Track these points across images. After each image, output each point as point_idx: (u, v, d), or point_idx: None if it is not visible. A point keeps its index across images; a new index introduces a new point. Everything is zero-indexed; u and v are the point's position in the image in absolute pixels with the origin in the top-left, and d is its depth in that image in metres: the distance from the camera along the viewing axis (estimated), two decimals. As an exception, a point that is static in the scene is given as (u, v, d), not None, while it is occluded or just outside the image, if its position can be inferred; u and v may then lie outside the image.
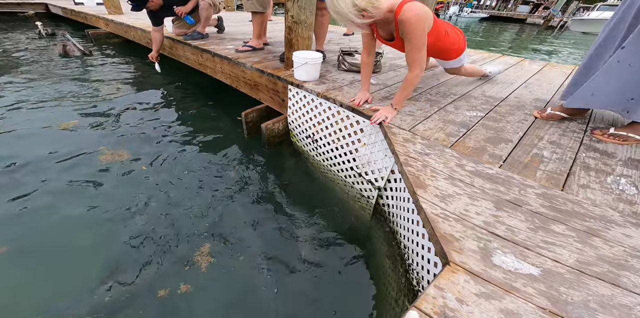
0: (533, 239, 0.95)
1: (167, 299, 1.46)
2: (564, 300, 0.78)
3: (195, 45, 3.31)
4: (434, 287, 0.81)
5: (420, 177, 1.23)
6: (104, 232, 1.79)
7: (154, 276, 1.56)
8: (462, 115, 1.85)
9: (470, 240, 0.94)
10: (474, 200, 1.11)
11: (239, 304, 1.47)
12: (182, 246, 1.73)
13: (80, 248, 1.68)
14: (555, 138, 1.61)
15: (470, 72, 2.39)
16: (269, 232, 1.87)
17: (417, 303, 0.77)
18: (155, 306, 1.42)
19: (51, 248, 1.67)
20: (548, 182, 1.23)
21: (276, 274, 1.62)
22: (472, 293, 0.79)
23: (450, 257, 0.88)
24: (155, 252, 1.68)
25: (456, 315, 0.74)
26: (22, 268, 1.55)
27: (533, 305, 0.77)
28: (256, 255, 1.71)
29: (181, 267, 1.62)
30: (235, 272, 1.62)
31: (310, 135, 2.35)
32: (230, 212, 2.00)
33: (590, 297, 0.79)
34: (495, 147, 1.49)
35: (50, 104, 3.26)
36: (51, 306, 1.39)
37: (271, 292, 1.53)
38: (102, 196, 2.06)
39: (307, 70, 2.22)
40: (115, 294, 1.45)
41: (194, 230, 1.84)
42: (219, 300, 1.48)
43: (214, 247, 1.74)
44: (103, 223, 1.85)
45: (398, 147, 1.45)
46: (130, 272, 1.57)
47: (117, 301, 1.43)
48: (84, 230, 1.79)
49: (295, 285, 1.58)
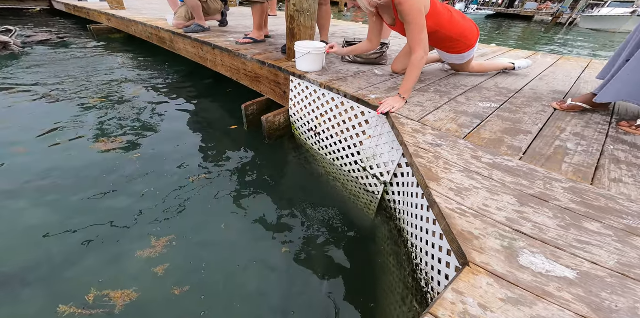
0: (565, 238, 0.83)
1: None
2: (608, 308, 0.66)
3: (195, 38, 3.21)
4: (452, 290, 0.69)
5: (433, 169, 1.11)
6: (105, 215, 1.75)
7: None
8: (475, 106, 1.73)
9: (492, 239, 0.82)
10: (494, 194, 0.99)
11: (238, 301, 1.37)
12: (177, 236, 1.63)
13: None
14: (579, 130, 1.48)
15: (483, 69, 2.26)
16: (268, 228, 1.76)
17: (433, 310, 0.65)
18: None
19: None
20: (575, 176, 1.11)
21: (275, 271, 1.52)
22: (498, 299, 0.68)
23: (470, 257, 0.76)
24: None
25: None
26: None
27: (571, 313, 0.65)
28: (254, 251, 1.61)
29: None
30: (228, 268, 1.51)
31: (312, 128, 2.24)
32: (226, 207, 1.89)
33: (638, 304, 0.67)
34: (513, 139, 1.36)
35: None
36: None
37: (270, 290, 1.42)
38: (99, 185, 1.97)
39: (309, 60, 2.11)
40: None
41: (189, 222, 1.74)
42: (219, 296, 1.38)
43: (207, 241, 1.64)
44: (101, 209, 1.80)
45: (407, 137, 1.33)
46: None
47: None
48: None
49: (296, 283, 1.47)
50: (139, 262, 1.51)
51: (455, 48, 1.94)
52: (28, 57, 4.38)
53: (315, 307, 1.38)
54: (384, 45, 2.44)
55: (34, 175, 2.03)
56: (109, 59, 4.63)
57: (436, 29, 1.71)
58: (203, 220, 1.78)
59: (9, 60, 4.18)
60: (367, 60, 2.42)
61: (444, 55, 2.10)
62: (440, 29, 1.73)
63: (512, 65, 2.31)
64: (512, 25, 19.39)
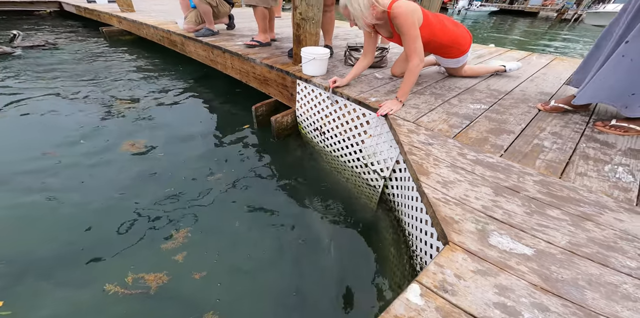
0: (528, 222, 1.01)
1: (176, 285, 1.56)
2: (555, 278, 0.84)
3: (206, 41, 3.40)
4: (434, 263, 0.88)
5: (424, 165, 1.29)
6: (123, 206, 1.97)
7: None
8: (466, 107, 1.90)
9: (469, 223, 1.00)
10: (474, 186, 1.17)
11: (245, 292, 1.56)
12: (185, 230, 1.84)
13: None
14: (557, 129, 1.65)
15: (475, 73, 2.42)
16: (277, 219, 1.96)
17: (419, 278, 0.84)
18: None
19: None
20: (547, 170, 1.28)
21: (283, 259, 1.71)
22: (469, 270, 0.86)
23: (449, 237, 0.94)
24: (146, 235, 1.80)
25: (454, 289, 0.81)
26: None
27: (525, 282, 0.83)
28: (263, 242, 1.80)
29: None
30: (238, 260, 1.70)
31: (318, 127, 2.42)
32: (237, 199, 2.09)
33: (579, 275, 0.85)
34: (497, 138, 1.54)
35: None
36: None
37: (276, 279, 1.62)
38: (122, 184, 2.17)
39: (315, 65, 2.28)
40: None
41: (201, 217, 1.94)
42: (233, 281, 1.58)
43: (216, 234, 1.84)
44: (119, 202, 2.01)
45: (403, 137, 1.51)
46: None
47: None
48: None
49: (300, 273, 1.66)
50: (163, 251, 1.71)
51: (449, 53, 2.11)
52: (37, 61, 4.58)
53: (321, 293, 1.56)
54: (384, 49, 2.60)
55: (72, 175, 2.25)
56: (122, 61, 4.83)
57: (430, 38, 1.88)
58: (218, 213, 1.98)
59: (18, 64, 4.39)
60: (368, 64, 2.59)
61: (440, 60, 2.28)
62: (433, 38, 1.90)
63: (504, 67, 2.47)
64: (516, 21, 19.30)
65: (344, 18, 1.61)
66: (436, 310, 0.76)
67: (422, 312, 0.75)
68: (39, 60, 4.58)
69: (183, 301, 1.47)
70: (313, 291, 1.56)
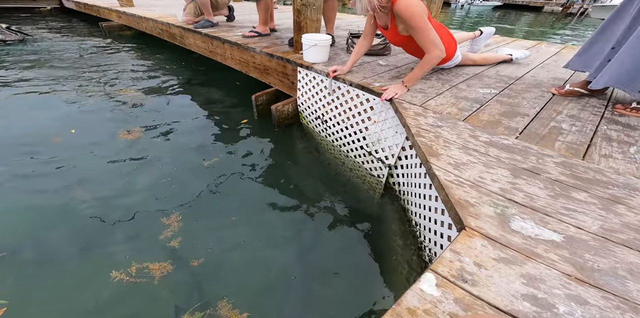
0: (553, 206, 0.90)
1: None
2: (590, 267, 0.74)
3: (205, 33, 3.31)
4: (450, 250, 0.78)
5: (433, 146, 1.19)
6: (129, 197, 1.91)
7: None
8: (475, 92, 1.79)
9: (487, 206, 0.90)
10: (490, 168, 1.07)
11: (247, 276, 1.47)
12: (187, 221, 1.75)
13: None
14: (575, 112, 1.54)
15: (481, 62, 2.29)
16: (276, 209, 1.86)
17: (433, 266, 0.74)
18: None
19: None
20: (568, 152, 1.18)
21: (284, 254, 1.61)
22: (491, 258, 0.76)
23: (466, 222, 0.84)
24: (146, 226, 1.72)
25: (474, 278, 0.71)
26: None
27: (557, 271, 0.73)
28: (264, 235, 1.71)
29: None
30: (239, 250, 1.61)
31: (319, 116, 2.32)
32: (237, 191, 2.00)
33: (618, 264, 0.74)
34: (510, 120, 1.43)
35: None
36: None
37: (283, 273, 1.53)
38: (122, 173, 2.10)
39: (316, 52, 2.19)
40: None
41: (201, 207, 1.85)
42: (228, 273, 1.49)
43: (216, 225, 1.75)
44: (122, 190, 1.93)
45: (409, 120, 1.41)
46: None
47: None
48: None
49: (304, 265, 1.56)
50: (162, 238, 1.63)
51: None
52: (37, 55, 4.52)
53: (323, 284, 1.47)
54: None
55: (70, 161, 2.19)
56: (121, 55, 4.76)
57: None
58: (216, 202, 1.89)
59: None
60: (371, 51, 2.49)
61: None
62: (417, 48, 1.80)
63: (510, 56, 2.36)
64: (521, 16, 19.04)
65: (345, 9, 1.50)
66: (455, 302, 0.66)
67: (439, 304, 0.65)
68: (27, 54, 4.51)
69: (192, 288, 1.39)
70: (315, 282, 1.47)
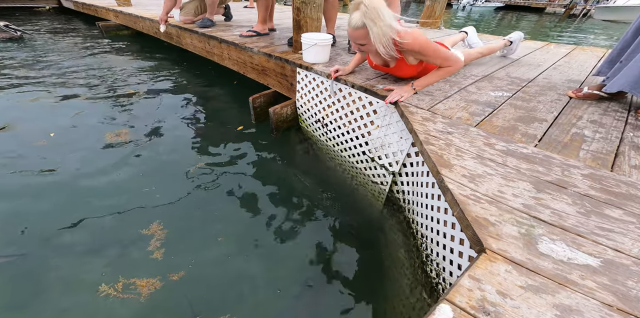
0: (586, 225, 0.79)
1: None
2: (635, 296, 0.62)
3: (202, 32, 3.20)
4: (468, 277, 0.66)
5: (444, 156, 1.07)
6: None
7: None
8: (486, 95, 1.68)
9: (509, 225, 0.78)
10: (509, 181, 0.95)
11: (235, 296, 1.36)
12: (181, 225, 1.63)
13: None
14: (596, 117, 1.43)
15: (483, 54, 2.18)
16: (272, 219, 1.75)
17: (450, 296, 0.63)
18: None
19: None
20: (594, 163, 1.06)
21: (280, 265, 1.50)
22: (517, 286, 0.65)
23: (486, 244, 0.73)
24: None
25: (498, 310, 0.60)
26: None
27: (596, 301, 0.61)
28: (259, 246, 1.59)
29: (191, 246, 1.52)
30: (225, 265, 1.50)
31: (319, 119, 2.21)
32: (230, 199, 1.88)
33: (666, 294, 0.63)
34: (527, 126, 1.32)
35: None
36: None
37: (277, 284, 1.41)
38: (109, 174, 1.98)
39: (316, 51, 2.08)
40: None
41: (197, 215, 1.74)
42: (214, 287, 1.37)
43: (204, 237, 1.63)
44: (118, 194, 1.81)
45: (417, 125, 1.29)
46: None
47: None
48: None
49: (301, 276, 1.45)
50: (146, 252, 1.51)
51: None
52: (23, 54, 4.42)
53: (319, 300, 1.36)
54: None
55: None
56: (116, 55, 4.66)
57: (424, 71, 1.68)
58: (206, 211, 1.78)
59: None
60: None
61: None
62: (426, 70, 1.68)
63: (509, 41, 2.31)
64: (523, 17, 18.92)
65: (346, 9, 1.36)
66: None
67: None
68: (22, 53, 4.41)
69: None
70: (309, 293, 1.36)
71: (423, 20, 3.76)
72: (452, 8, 24.32)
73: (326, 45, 2.08)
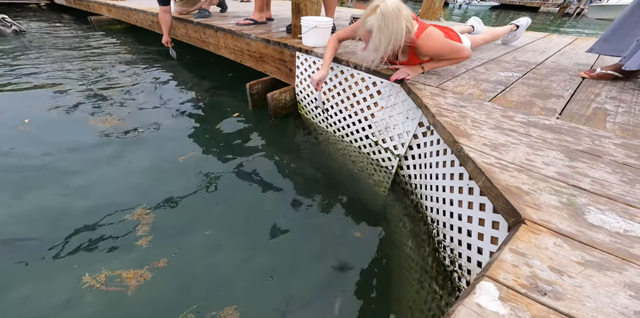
0: (633, 194, 0.69)
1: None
2: None
3: (197, 21, 3.09)
4: (510, 251, 0.55)
5: (460, 126, 0.97)
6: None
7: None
8: (496, 75, 1.59)
9: (546, 194, 0.68)
10: (537, 150, 0.85)
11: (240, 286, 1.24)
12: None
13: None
14: (615, 94, 1.34)
15: (491, 39, 2.13)
16: (270, 209, 1.63)
17: (491, 273, 0.52)
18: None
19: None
20: (624, 133, 0.97)
21: (277, 257, 1.38)
22: (573, 262, 0.54)
23: (524, 214, 0.62)
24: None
25: (556, 289, 0.49)
26: None
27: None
28: (258, 237, 1.47)
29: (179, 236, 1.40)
30: (233, 252, 1.38)
31: (319, 105, 2.10)
32: (225, 188, 1.76)
33: None
34: (545, 101, 1.23)
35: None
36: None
37: (275, 276, 1.29)
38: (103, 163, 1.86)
39: (316, 34, 1.98)
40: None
41: (195, 204, 1.62)
42: (221, 274, 1.25)
43: (199, 226, 1.51)
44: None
45: (426, 99, 1.19)
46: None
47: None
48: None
49: (300, 269, 1.34)
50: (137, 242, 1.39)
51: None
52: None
53: (318, 289, 1.25)
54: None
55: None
56: (108, 48, 4.52)
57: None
58: (201, 201, 1.66)
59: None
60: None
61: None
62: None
63: (515, 25, 2.26)
64: (518, 16, 18.99)
65: (344, 4, 1.24)
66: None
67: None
68: (12, 48, 4.27)
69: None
70: (309, 287, 1.25)
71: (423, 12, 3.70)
72: (449, 6, 24.44)
73: (327, 27, 1.99)
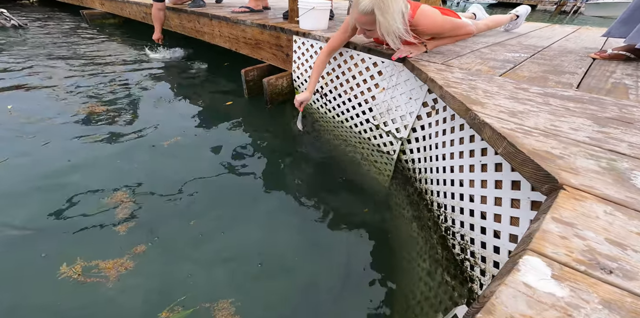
0: (676, 158, 0.60)
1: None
2: None
3: (191, 10, 3.00)
4: (553, 221, 0.46)
5: (471, 96, 0.88)
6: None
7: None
8: (503, 55, 1.51)
9: (582, 158, 0.59)
10: (560, 116, 0.76)
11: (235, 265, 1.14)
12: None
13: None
14: (630, 72, 1.26)
15: (491, 26, 2.06)
16: (268, 200, 1.53)
17: (534, 246, 0.42)
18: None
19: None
20: (651, 104, 0.88)
21: (277, 248, 1.29)
22: (634, 233, 0.45)
23: (561, 179, 0.53)
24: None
25: (624, 266, 0.40)
26: None
27: None
28: (255, 228, 1.37)
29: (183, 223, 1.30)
30: (227, 242, 1.28)
31: (318, 89, 2.02)
32: (219, 178, 1.66)
33: None
34: (559, 77, 1.14)
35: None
36: None
37: (277, 266, 1.20)
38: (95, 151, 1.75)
39: (314, 17, 1.90)
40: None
41: (193, 194, 1.52)
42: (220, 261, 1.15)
43: (192, 216, 1.41)
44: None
45: (432, 74, 1.10)
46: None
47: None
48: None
49: (295, 259, 1.24)
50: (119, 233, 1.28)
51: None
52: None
53: (318, 293, 1.15)
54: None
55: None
56: (102, 42, 4.40)
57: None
58: (194, 190, 1.55)
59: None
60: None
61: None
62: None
63: (515, 14, 2.22)
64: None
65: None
66: (606, 308, 0.34)
67: (574, 311, 0.34)
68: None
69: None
70: (312, 277, 1.15)
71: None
72: (447, 4, 24.49)
73: (325, 9, 1.90)
